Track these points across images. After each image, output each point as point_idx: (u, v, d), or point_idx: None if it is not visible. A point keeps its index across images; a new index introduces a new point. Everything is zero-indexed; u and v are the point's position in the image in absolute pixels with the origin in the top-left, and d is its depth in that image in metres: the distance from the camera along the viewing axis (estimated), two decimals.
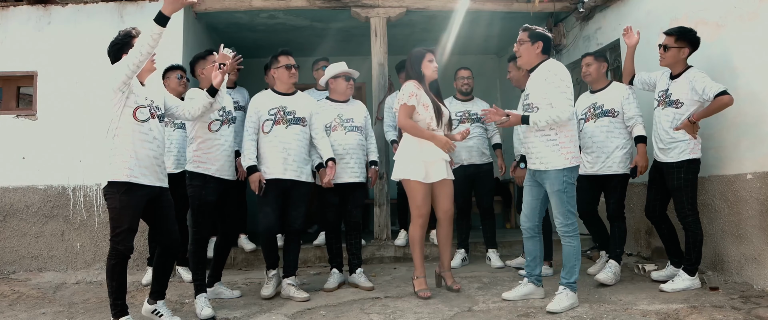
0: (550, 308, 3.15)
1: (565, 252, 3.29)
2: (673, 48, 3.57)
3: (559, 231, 3.32)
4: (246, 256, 4.83)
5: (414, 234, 3.66)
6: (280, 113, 3.74)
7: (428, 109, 3.59)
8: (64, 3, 4.88)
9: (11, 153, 4.74)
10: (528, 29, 3.34)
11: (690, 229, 3.51)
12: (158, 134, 3.08)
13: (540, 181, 3.39)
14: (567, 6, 5.45)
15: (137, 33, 3.05)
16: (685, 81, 3.54)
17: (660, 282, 3.67)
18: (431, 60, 3.69)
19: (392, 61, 5.27)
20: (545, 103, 3.24)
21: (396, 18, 5.23)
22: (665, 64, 3.65)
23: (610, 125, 3.91)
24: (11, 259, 4.63)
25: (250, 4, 5.16)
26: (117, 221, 2.92)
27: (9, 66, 4.82)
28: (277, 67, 3.81)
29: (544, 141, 3.28)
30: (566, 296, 3.21)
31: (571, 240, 3.28)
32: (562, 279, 3.29)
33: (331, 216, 4.05)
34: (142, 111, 2.99)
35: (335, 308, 3.46)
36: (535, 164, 3.36)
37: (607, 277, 3.75)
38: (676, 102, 3.56)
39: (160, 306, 3.19)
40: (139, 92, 3.02)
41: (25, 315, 3.64)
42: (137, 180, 2.93)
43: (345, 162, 3.95)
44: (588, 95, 4.13)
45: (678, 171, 3.51)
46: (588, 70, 4.06)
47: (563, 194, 3.25)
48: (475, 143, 4.58)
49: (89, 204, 4.68)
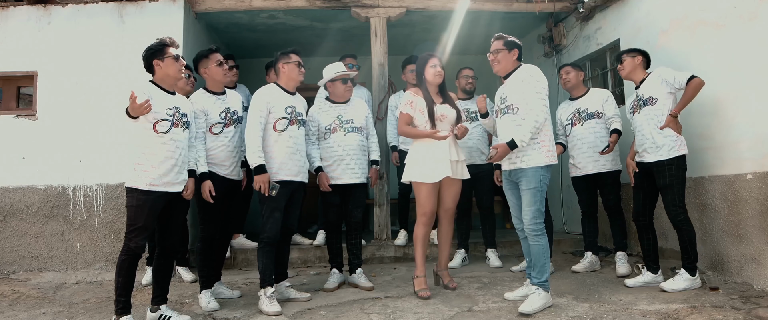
0: (523, 309, 3.13)
1: (535, 251, 3.30)
2: (628, 58, 3.82)
3: (526, 230, 3.33)
4: (246, 256, 4.83)
5: (417, 233, 3.68)
6: (294, 112, 3.62)
7: (424, 113, 3.66)
8: (64, 3, 4.88)
9: (11, 153, 4.74)
10: (502, 37, 3.48)
11: (683, 227, 3.52)
12: (180, 142, 3.15)
13: (514, 179, 3.42)
14: (567, 6, 5.46)
15: (172, 42, 3.15)
16: (653, 78, 3.68)
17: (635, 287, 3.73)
18: (434, 65, 3.71)
19: (392, 61, 5.28)
20: (524, 103, 3.31)
21: (396, 18, 5.23)
22: (625, 74, 3.85)
23: (597, 126, 4.18)
24: (11, 259, 4.63)
25: (250, 4, 5.16)
26: (133, 219, 3.00)
27: (9, 66, 4.82)
28: (288, 62, 3.62)
29: None
30: (539, 296, 3.21)
31: (539, 239, 3.28)
32: (533, 278, 3.30)
33: (331, 216, 4.06)
34: (162, 124, 3.06)
35: (335, 308, 3.46)
36: (514, 163, 3.37)
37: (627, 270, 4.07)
38: (650, 99, 3.65)
39: (164, 310, 3.20)
40: (161, 104, 3.07)
41: (25, 315, 3.63)
42: (157, 188, 3.02)
43: (346, 163, 3.94)
44: (569, 103, 4.39)
45: (669, 169, 3.53)
46: (567, 77, 4.35)
47: (538, 192, 3.28)
48: (474, 143, 4.58)
49: (89, 204, 4.68)
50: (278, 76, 3.71)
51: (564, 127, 4.35)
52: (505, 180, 3.54)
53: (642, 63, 3.80)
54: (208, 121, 3.55)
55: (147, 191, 3.00)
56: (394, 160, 4.90)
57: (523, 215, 3.33)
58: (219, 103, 3.61)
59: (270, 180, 3.44)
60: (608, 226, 4.42)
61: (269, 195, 3.43)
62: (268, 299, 3.40)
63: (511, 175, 3.45)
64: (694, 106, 3.89)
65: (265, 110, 3.50)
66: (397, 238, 5.03)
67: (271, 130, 3.53)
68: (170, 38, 3.17)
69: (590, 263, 4.32)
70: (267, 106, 3.51)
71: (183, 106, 3.22)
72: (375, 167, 4.17)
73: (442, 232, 3.83)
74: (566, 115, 4.34)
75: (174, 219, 3.22)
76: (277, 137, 3.53)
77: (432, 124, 3.65)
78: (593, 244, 4.37)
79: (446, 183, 3.67)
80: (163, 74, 3.14)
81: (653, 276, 3.72)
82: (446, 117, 3.68)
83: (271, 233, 3.48)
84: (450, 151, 3.63)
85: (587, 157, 4.17)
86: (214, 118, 3.55)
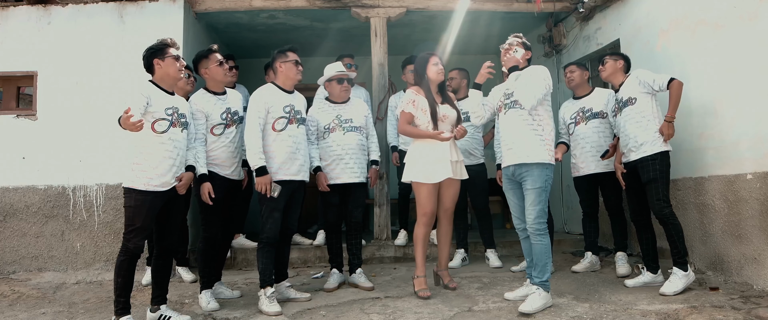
0: (523, 309, 3.13)
1: (537, 251, 3.30)
2: (610, 60, 3.87)
3: (529, 229, 3.33)
4: (246, 256, 4.83)
5: (417, 233, 3.68)
6: (292, 111, 3.59)
7: (426, 113, 3.64)
8: (64, 3, 4.88)
9: (11, 153, 4.74)
10: (521, 37, 3.56)
11: (668, 221, 3.51)
12: (179, 143, 3.15)
13: (518, 178, 3.41)
14: (567, 6, 5.45)
15: (173, 43, 3.17)
16: (631, 80, 3.73)
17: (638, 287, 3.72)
18: (436, 63, 3.70)
19: (392, 61, 5.27)
20: None
21: (396, 18, 5.23)
22: (606, 76, 3.89)
23: (600, 126, 4.15)
24: (11, 259, 4.63)
25: (250, 4, 5.16)
26: (131, 219, 3.00)
27: (9, 66, 4.82)
28: (285, 60, 3.59)
29: (531, 134, 3.33)
30: (539, 296, 3.21)
31: (542, 239, 3.29)
32: (535, 278, 3.29)
33: (331, 216, 4.05)
34: (161, 123, 3.07)
35: (335, 308, 3.46)
36: (519, 157, 3.34)
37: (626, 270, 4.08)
38: (629, 100, 3.68)
39: (164, 310, 3.20)
40: (160, 104, 3.08)
41: (25, 315, 3.64)
42: (155, 188, 3.02)
43: (345, 163, 3.94)
44: (572, 101, 4.37)
45: (653, 163, 3.55)
46: (572, 76, 4.33)
47: (543, 192, 3.29)
48: (466, 144, 4.49)
49: (89, 204, 4.68)
50: (276, 76, 3.68)
51: (567, 126, 4.31)
52: (507, 180, 3.53)
53: (623, 67, 3.85)
54: (210, 122, 3.53)
55: (145, 191, 3.00)
56: (395, 161, 4.89)
57: (527, 214, 3.33)
58: (220, 104, 3.60)
59: (271, 182, 3.43)
60: (608, 226, 4.42)
61: (271, 196, 3.42)
62: (268, 299, 3.40)
63: (514, 175, 3.44)
64: (694, 106, 3.90)
65: (263, 110, 3.49)
66: (397, 238, 5.03)
67: (270, 129, 3.52)
68: (171, 39, 3.19)
69: (590, 263, 4.33)
70: (265, 106, 3.50)
71: (182, 107, 3.22)
72: (375, 167, 4.17)
73: (442, 232, 3.83)
74: (570, 114, 4.30)
75: (172, 219, 3.22)
76: (276, 136, 3.52)
77: (434, 124, 3.64)
78: (593, 244, 4.36)
79: (446, 183, 3.67)
80: (162, 74, 3.15)
81: (653, 276, 3.72)
82: (448, 117, 3.68)
83: (271, 233, 3.47)
84: (451, 151, 3.63)
85: (590, 156, 4.14)
86: (216, 119, 3.54)
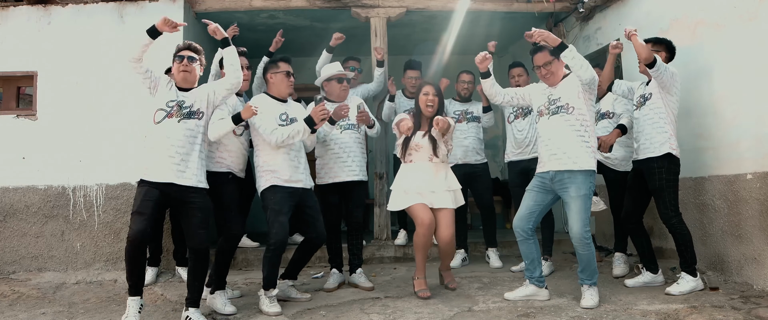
0: (586, 304, 3.25)
1: (584, 259, 3.32)
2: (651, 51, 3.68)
3: (577, 238, 3.28)
4: (246, 256, 4.83)
5: (417, 242, 3.65)
6: (288, 120, 3.59)
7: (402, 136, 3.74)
8: (64, 3, 4.88)
9: (11, 153, 4.73)
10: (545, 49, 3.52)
11: (677, 230, 3.50)
12: (173, 133, 3.19)
13: (557, 184, 3.36)
14: (567, 6, 5.45)
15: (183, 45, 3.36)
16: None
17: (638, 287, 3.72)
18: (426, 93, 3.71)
19: (392, 61, 5.27)
20: (581, 102, 3.36)
21: (396, 18, 5.23)
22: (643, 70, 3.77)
23: (609, 126, 4.13)
24: (11, 259, 4.63)
25: (250, 4, 5.16)
26: (133, 204, 3.16)
27: (9, 66, 4.81)
28: (276, 71, 3.62)
29: (578, 141, 3.31)
30: (596, 292, 3.34)
31: (589, 248, 3.30)
32: (586, 280, 3.34)
33: (331, 216, 4.04)
34: (158, 113, 3.22)
35: (335, 308, 3.46)
36: (565, 164, 3.31)
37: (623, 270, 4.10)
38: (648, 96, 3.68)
39: (191, 313, 3.19)
40: (163, 96, 3.25)
41: (25, 315, 3.64)
42: (151, 178, 3.16)
43: (343, 161, 3.94)
44: None
45: (659, 171, 3.51)
46: None
47: (587, 199, 3.27)
48: (470, 143, 4.59)
49: (89, 204, 4.67)
50: (268, 86, 3.72)
51: None
52: (539, 182, 3.46)
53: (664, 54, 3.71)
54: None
55: (142, 180, 3.18)
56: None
57: (572, 224, 3.29)
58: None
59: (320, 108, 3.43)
60: (608, 226, 4.42)
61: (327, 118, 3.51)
62: (269, 299, 3.40)
63: (553, 180, 3.37)
64: (694, 106, 3.91)
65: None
66: (397, 238, 5.03)
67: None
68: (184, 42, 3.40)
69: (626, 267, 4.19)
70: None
71: (188, 100, 3.27)
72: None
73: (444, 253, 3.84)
74: None
75: (187, 220, 3.22)
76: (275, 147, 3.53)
77: (403, 153, 3.70)
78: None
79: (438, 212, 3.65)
80: (174, 71, 3.37)
81: (653, 276, 3.72)
82: (421, 147, 3.67)
83: (278, 238, 3.40)
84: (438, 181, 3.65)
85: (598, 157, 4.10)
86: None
